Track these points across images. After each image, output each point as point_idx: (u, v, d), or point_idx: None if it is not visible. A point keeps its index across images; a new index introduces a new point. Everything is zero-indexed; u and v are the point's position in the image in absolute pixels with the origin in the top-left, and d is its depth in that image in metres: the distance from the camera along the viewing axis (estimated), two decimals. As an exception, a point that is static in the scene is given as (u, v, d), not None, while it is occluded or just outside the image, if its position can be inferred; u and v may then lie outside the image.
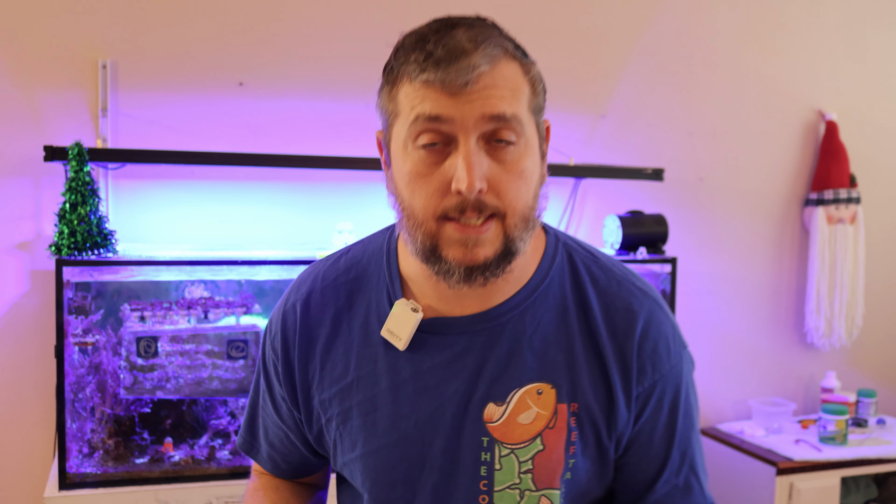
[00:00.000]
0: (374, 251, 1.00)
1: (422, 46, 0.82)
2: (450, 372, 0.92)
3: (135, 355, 1.97)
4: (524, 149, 0.84)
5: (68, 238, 1.91)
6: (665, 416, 0.94)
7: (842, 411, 2.61)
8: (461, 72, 0.79)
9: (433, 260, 0.86)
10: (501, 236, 0.85)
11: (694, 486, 0.96)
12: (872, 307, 3.07)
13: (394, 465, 0.93)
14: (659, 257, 2.42)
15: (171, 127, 2.24)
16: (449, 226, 0.84)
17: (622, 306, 0.93)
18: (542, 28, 2.58)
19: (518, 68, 0.85)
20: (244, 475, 2.01)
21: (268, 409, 1.04)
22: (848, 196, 2.90)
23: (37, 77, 2.14)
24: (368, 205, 2.39)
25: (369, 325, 0.96)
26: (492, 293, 0.92)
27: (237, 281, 2.13)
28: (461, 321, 0.93)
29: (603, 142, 2.68)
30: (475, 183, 0.80)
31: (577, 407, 0.91)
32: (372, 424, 0.94)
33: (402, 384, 0.93)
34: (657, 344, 0.93)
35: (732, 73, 2.84)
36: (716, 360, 2.90)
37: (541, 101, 0.88)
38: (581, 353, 0.92)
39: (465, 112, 0.80)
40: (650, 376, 0.93)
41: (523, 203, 0.85)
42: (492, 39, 0.82)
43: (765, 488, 2.51)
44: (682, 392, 0.95)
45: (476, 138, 0.81)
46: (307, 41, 2.35)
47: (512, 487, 0.92)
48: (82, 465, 1.97)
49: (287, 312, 0.99)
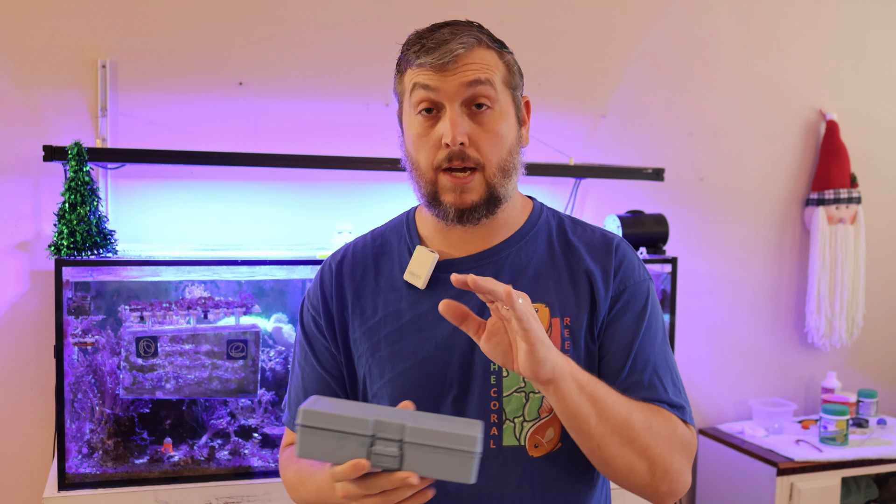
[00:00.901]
0: (396, 225, 1.25)
1: (418, 41, 1.08)
2: (463, 300, 1.07)
3: (134, 355, 1.97)
4: (499, 114, 1.09)
5: (68, 238, 1.91)
6: (630, 320, 1.13)
7: (842, 411, 2.61)
8: (444, 54, 1.05)
9: (434, 203, 1.10)
10: (484, 184, 1.09)
11: (657, 385, 1.11)
12: (873, 307, 3.07)
13: (418, 382, 1.11)
14: (659, 257, 2.42)
15: (171, 127, 2.24)
16: (443, 176, 1.08)
17: (599, 240, 1.18)
18: (543, 28, 2.58)
19: (493, 54, 1.10)
20: (244, 475, 2.01)
21: (308, 371, 1.21)
22: (848, 196, 2.89)
23: (36, 77, 2.14)
24: (368, 205, 2.38)
25: (394, 276, 1.17)
26: (491, 236, 1.15)
27: (237, 281, 2.13)
28: (469, 259, 1.15)
29: (603, 142, 2.68)
30: (457, 137, 1.05)
31: (569, 320, 1.12)
32: (399, 352, 1.13)
33: (422, 315, 1.13)
34: (627, 262, 1.16)
35: (733, 73, 2.84)
36: (716, 360, 2.89)
37: (516, 80, 1.13)
38: (567, 278, 1.14)
39: (448, 83, 1.06)
40: (622, 282, 1.15)
41: (498, 156, 1.09)
42: (469, 33, 1.08)
43: (765, 488, 2.50)
44: (648, 308, 1.14)
45: (459, 104, 1.06)
46: (307, 41, 2.35)
47: (518, 391, 1.10)
48: (82, 466, 1.96)
49: (324, 273, 1.22)
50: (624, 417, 1.01)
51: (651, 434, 1.04)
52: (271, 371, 2.13)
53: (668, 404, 1.10)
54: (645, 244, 2.44)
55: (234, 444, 2.06)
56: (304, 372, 1.22)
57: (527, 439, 1.10)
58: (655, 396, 1.10)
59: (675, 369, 1.16)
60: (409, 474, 0.88)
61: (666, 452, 1.05)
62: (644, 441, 1.03)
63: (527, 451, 1.10)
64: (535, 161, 2.39)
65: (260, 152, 2.19)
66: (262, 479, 2.00)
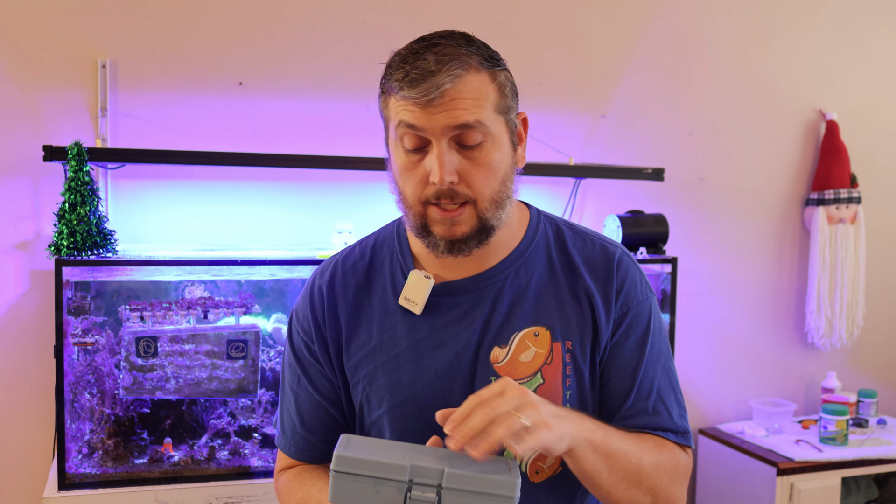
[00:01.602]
0: (386, 237, 1.18)
1: (401, 67, 0.99)
2: (461, 326, 1.08)
3: (134, 355, 1.97)
4: (491, 146, 1.02)
5: (68, 238, 1.91)
6: (634, 344, 1.10)
7: (842, 411, 2.61)
8: (429, 90, 0.97)
9: (424, 234, 1.05)
10: (475, 217, 1.03)
11: (662, 412, 1.10)
12: (873, 307, 3.06)
13: (419, 412, 1.07)
14: (659, 257, 2.42)
15: (171, 127, 2.24)
16: (432, 209, 1.03)
17: (599, 256, 1.13)
18: (543, 28, 2.57)
19: (485, 77, 1.01)
20: (244, 475, 2.01)
21: (303, 396, 1.17)
22: (848, 196, 2.89)
23: (36, 77, 2.14)
24: (368, 205, 2.38)
25: (387, 298, 1.12)
26: (488, 257, 1.10)
27: (237, 281, 2.13)
28: (466, 282, 1.10)
29: (603, 142, 2.68)
30: (445, 177, 0.99)
31: (570, 345, 1.08)
32: (397, 381, 1.09)
33: (420, 342, 1.09)
34: (628, 280, 1.12)
35: (733, 73, 2.84)
36: (716, 360, 2.89)
37: (509, 102, 1.05)
38: (568, 299, 1.10)
39: (434, 122, 0.98)
40: (625, 304, 1.11)
41: (491, 190, 1.03)
42: (458, 59, 0.99)
43: (765, 488, 2.50)
44: (651, 329, 1.11)
45: (447, 140, 0.99)
46: (307, 41, 2.35)
47: None
48: (82, 466, 1.96)
49: (314, 296, 1.15)
50: (634, 465, 1.02)
51: (657, 472, 1.05)
52: (271, 371, 2.13)
53: (673, 432, 1.10)
54: (645, 244, 2.44)
55: (234, 444, 2.06)
56: (299, 397, 1.17)
57: (528, 466, 1.08)
58: (660, 424, 1.09)
59: (678, 385, 1.14)
60: None
61: (669, 486, 1.07)
62: (651, 481, 1.04)
63: (528, 477, 1.08)
64: (535, 161, 2.39)
65: (260, 152, 2.19)
66: (262, 479, 2.00)
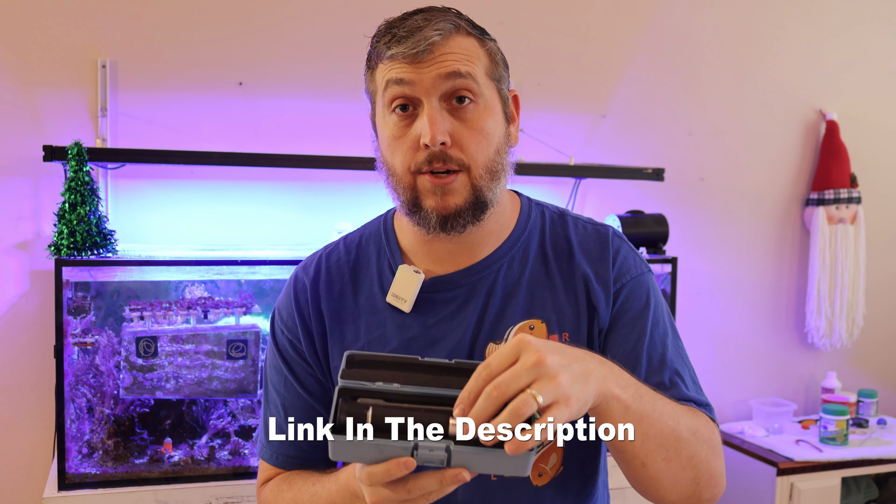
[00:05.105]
0: (372, 233, 1.12)
1: (389, 31, 0.96)
2: (455, 322, 1.03)
3: (134, 355, 1.97)
4: (483, 108, 0.97)
5: (68, 238, 1.91)
6: (633, 319, 1.03)
7: (842, 411, 2.61)
8: (418, 43, 0.93)
9: (414, 210, 0.98)
10: (469, 186, 0.97)
11: (680, 384, 1.01)
12: (873, 307, 3.06)
13: None
14: (659, 257, 2.42)
15: (171, 127, 2.24)
16: (423, 178, 0.96)
17: (591, 238, 1.08)
18: (543, 28, 2.57)
19: (474, 41, 0.98)
20: (244, 475, 2.01)
21: (290, 398, 1.09)
22: (849, 196, 2.89)
23: (36, 77, 2.14)
24: (368, 205, 2.37)
25: (374, 296, 1.06)
26: (480, 247, 1.05)
27: (237, 281, 2.13)
28: (457, 275, 1.04)
29: (603, 142, 2.68)
30: (437, 136, 0.93)
31: (567, 336, 1.03)
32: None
33: (411, 341, 1.03)
34: (620, 256, 1.07)
35: (733, 72, 2.84)
36: (716, 360, 2.89)
37: (500, 71, 1.01)
38: (562, 288, 1.05)
39: (424, 75, 0.94)
40: (619, 278, 1.05)
41: (485, 156, 0.97)
42: (446, 19, 0.96)
43: (765, 488, 2.50)
44: (651, 303, 1.05)
45: (438, 99, 0.95)
46: (307, 41, 2.35)
47: None
48: (82, 466, 1.96)
49: (298, 292, 1.09)
50: (671, 428, 0.89)
51: (696, 440, 0.93)
52: (271, 371, 2.13)
53: (695, 403, 1.00)
54: (645, 244, 2.44)
55: (234, 444, 2.06)
56: (286, 401, 1.09)
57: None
58: (682, 395, 1.00)
59: (690, 363, 1.07)
60: (461, 470, 0.75)
61: (711, 459, 0.95)
62: (691, 449, 0.92)
63: (531, 480, 1.03)
64: (535, 161, 2.39)
65: (260, 152, 2.19)
66: (262, 479, 2.00)
